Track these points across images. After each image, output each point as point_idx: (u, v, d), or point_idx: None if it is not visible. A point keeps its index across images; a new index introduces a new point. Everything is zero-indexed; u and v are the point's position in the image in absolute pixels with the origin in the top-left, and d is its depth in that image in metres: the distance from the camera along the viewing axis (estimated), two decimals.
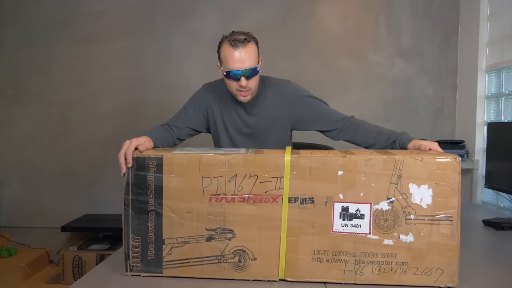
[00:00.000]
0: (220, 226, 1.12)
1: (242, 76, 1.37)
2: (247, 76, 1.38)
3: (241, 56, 1.36)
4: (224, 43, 1.40)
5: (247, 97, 1.45)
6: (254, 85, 1.44)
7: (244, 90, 1.42)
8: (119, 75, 3.19)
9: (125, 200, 1.14)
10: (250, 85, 1.41)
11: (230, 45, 1.37)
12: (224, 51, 1.39)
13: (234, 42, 1.36)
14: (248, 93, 1.44)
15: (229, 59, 1.37)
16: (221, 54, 1.41)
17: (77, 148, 3.21)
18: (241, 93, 1.43)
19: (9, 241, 3.15)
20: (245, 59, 1.37)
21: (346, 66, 3.14)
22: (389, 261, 1.08)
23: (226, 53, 1.38)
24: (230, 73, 1.38)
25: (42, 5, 3.19)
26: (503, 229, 1.71)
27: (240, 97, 1.44)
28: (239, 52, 1.36)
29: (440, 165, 1.06)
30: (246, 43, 1.38)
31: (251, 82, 1.41)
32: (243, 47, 1.37)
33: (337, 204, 1.09)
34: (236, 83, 1.40)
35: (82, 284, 1.12)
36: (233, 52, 1.36)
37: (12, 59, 3.23)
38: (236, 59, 1.36)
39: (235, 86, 1.41)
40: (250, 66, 1.38)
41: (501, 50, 2.66)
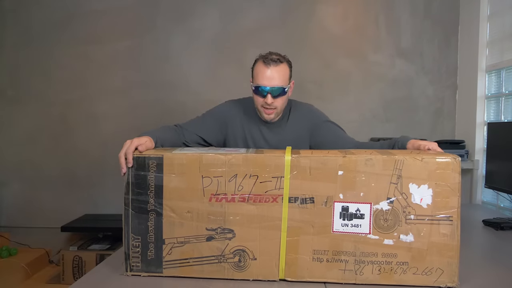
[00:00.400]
0: (220, 226, 1.12)
1: (269, 93, 1.42)
2: (274, 95, 1.43)
3: (271, 74, 1.42)
4: (258, 60, 1.47)
5: (271, 116, 1.48)
6: (280, 104, 1.47)
7: (269, 108, 1.45)
8: (119, 75, 3.19)
9: (125, 200, 1.14)
10: (276, 104, 1.45)
11: (263, 62, 1.44)
12: (257, 67, 1.46)
13: (266, 60, 1.43)
14: (273, 112, 1.47)
15: (259, 75, 1.43)
16: (254, 70, 1.48)
17: (77, 148, 3.21)
18: (266, 110, 1.47)
19: (9, 241, 3.15)
20: (275, 78, 1.42)
21: (346, 66, 3.14)
22: (389, 261, 1.08)
23: (258, 69, 1.45)
24: (258, 88, 1.43)
25: (42, 5, 3.19)
26: (503, 229, 1.71)
27: (264, 114, 1.48)
28: (270, 70, 1.42)
29: (440, 165, 1.06)
30: (278, 63, 1.43)
31: (277, 101, 1.45)
32: (274, 66, 1.42)
33: (337, 204, 1.09)
34: (262, 99, 1.44)
35: (82, 284, 1.12)
36: (264, 69, 1.43)
37: (12, 59, 3.23)
38: (266, 76, 1.42)
39: (261, 102, 1.46)
40: (278, 85, 1.42)
41: (501, 50, 2.66)
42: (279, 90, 1.43)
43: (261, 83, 1.42)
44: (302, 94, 3.08)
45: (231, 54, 3.13)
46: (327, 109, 3.31)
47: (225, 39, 3.12)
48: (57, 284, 2.75)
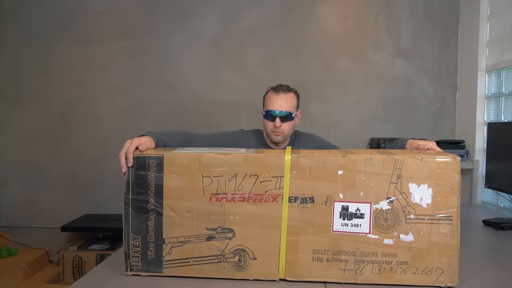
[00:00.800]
0: (220, 225, 1.12)
1: (277, 117, 1.58)
2: (282, 118, 1.58)
3: (280, 100, 1.60)
4: (270, 90, 1.66)
5: (278, 137, 1.63)
6: (287, 129, 1.62)
7: (277, 130, 1.60)
8: (119, 75, 3.19)
9: (125, 200, 1.14)
10: (284, 128, 1.60)
11: (273, 90, 1.63)
12: (268, 96, 1.65)
13: (277, 89, 1.63)
14: (281, 134, 1.62)
15: (269, 101, 1.61)
16: (265, 99, 1.67)
17: (77, 148, 3.21)
18: (275, 132, 1.62)
19: (9, 241, 3.15)
20: (283, 104, 1.59)
21: (346, 66, 3.14)
22: (389, 260, 1.08)
23: (269, 96, 1.64)
24: (269, 113, 1.60)
25: (42, 5, 3.19)
26: (503, 229, 1.71)
27: (273, 135, 1.63)
28: (279, 97, 1.60)
29: (440, 165, 1.06)
30: (287, 92, 1.62)
31: (285, 125, 1.61)
32: (283, 93, 1.61)
33: (337, 203, 1.09)
34: (272, 123, 1.60)
35: (82, 284, 1.12)
36: (274, 96, 1.61)
37: (12, 59, 3.23)
38: (275, 102, 1.60)
39: (270, 126, 1.61)
40: (286, 110, 1.59)
41: (501, 50, 2.66)
42: (287, 115, 1.59)
43: (271, 108, 1.59)
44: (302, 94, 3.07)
45: (231, 54, 3.13)
46: (327, 109, 3.33)
47: (225, 39, 3.12)
48: (57, 284, 2.75)
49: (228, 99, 3.11)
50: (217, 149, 1.20)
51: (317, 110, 3.13)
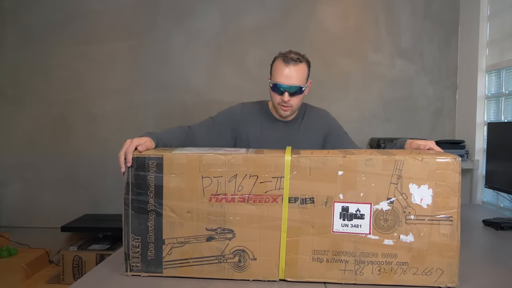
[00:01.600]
0: (220, 226, 1.12)
1: (286, 91, 1.45)
2: (291, 93, 1.46)
3: (289, 72, 1.44)
4: (278, 58, 1.49)
5: (286, 112, 1.52)
6: (296, 103, 1.51)
7: (285, 105, 1.49)
8: (119, 75, 3.19)
9: (125, 200, 1.14)
10: (292, 102, 1.49)
11: (282, 60, 1.46)
12: (276, 65, 1.49)
13: (286, 59, 1.45)
14: (289, 109, 1.51)
15: (278, 73, 1.46)
16: (272, 68, 1.51)
17: (77, 148, 3.21)
18: (282, 107, 1.50)
19: (9, 241, 3.15)
20: (293, 76, 1.45)
21: (346, 66, 3.14)
22: (389, 261, 1.08)
23: (277, 67, 1.47)
24: (276, 86, 1.46)
25: (42, 5, 3.19)
26: (503, 229, 1.71)
27: (281, 110, 1.52)
28: (288, 69, 1.44)
29: (440, 165, 1.06)
30: (297, 62, 1.46)
31: (294, 100, 1.48)
32: (293, 65, 1.45)
33: (337, 204, 1.09)
34: (280, 97, 1.48)
35: (82, 284, 1.12)
36: (283, 67, 1.45)
37: (12, 59, 3.23)
38: (284, 74, 1.45)
39: (278, 100, 1.49)
40: (295, 84, 1.45)
41: (501, 50, 2.66)
42: (296, 89, 1.46)
43: (279, 81, 1.45)
44: None
45: (231, 54, 3.13)
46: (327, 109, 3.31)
47: (225, 39, 3.12)
48: (57, 284, 2.75)
49: (228, 99, 3.09)
50: (217, 149, 1.20)
51: None
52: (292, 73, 1.45)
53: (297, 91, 1.46)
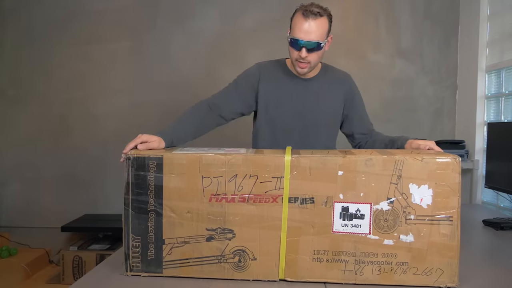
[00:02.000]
0: (220, 226, 1.12)
1: (303, 47, 1.38)
2: (309, 49, 1.39)
3: (309, 27, 1.37)
4: (298, 11, 1.41)
5: (304, 69, 1.46)
6: (315, 59, 1.44)
7: (303, 61, 1.43)
8: (119, 75, 3.19)
9: (125, 200, 1.13)
10: (310, 58, 1.42)
11: (302, 14, 1.38)
12: (295, 19, 1.40)
13: (306, 13, 1.37)
14: (307, 66, 1.45)
15: (296, 28, 1.39)
16: (292, 21, 1.42)
17: (77, 148, 3.21)
18: (300, 63, 1.44)
19: (9, 241, 3.16)
20: (312, 31, 1.37)
21: (346, 66, 3.12)
22: (389, 261, 1.08)
23: (296, 21, 1.39)
24: (294, 41, 1.39)
25: (43, 4, 3.19)
26: (503, 229, 1.71)
27: (298, 67, 1.46)
28: (308, 23, 1.36)
29: (440, 165, 1.06)
30: (318, 16, 1.37)
31: (312, 56, 1.42)
32: (313, 19, 1.37)
33: (337, 204, 1.09)
34: (297, 52, 1.41)
35: (82, 284, 1.12)
36: (302, 21, 1.37)
37: (12, 59, 3.23)
38: (303, 29, 1.37)
39: (295, 56, 1.43)
40: (314, 39, 1.38)
41: (501, 50, 2.66)
42: (315, 45, 1.39)
43: (297, 36, 1.38)
44: None
45: (231, 54, 3.13)
46: None
47: (225, 39, 3.12)
48: (57, 284, 2.75)
49: None
50: (217, 149, 1.20)
51: None
52: (311, 27, 1.36)
53: (315, 47, 1.39)
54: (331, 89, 1.58)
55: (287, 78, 1.55)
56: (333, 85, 1.59)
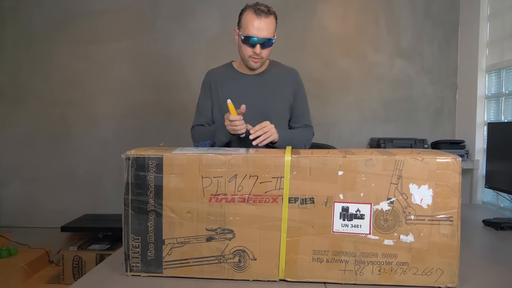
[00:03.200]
0: (220, 226, 1.12)
1: (258, 44, 1.49)
2: (262, 44, 1.49)
3: (261, 25, 1.47)
4: (248, 10, 1.50)
5: (257, 64, 1.56)
6: (266, 55, 1.55)
7: (257, 57, 1.53)
8: (119, 75, 3.19)
9: (125, 200, 1.13)
10: (263, 54, 1.53)
11: (254, 12, 1.48)
12: (247, 17, 1.50)
13: (258, 11, 1.47)
14: (259, 61, 1.55)
15: (249, 25, 1.48)
16: (243, 20, 1.52)
17: (77, 148, 3.21)
18: (253, 59, 1.54)
19: (9, 241, 3.16)
20: (264, 29, 1.48)
21: (346, 66, 3.14)
22: (389, 261, 1.08)
23: (248, 19, 1.49)
24: (248, 38, 1.49)
25: (42, 5, 3.19)
26: (503, 229, 1.71)
27: (252, 62, 1.56)
28: (260, 21, 1.47)
29: (440, 165, 1.06)
30: (268, 15, 1.49)
31: (264, 52, 1.53)
32: (265, 17, 1.48)
33: (337, 204, 1.09)
34: (251, 49, 1.51)
35: (82, 284, 1.12)
36: (255, 19, 1.47)
37: (12, 59, 3.23)
38: (256, 26, 1.47)
39: (249, 52, 1.53)
40: (267, 36, 1.49)
41: (501, 50, 2.66)
42: (267, 41, 1.50)
43: (251, 33, 1.48)
44: None
45: (231, 55, 3.12)
46: (327, 109, 3.33)
47: (225, 39, 3.12)
48: (57, 284, 2.75)
49: None
50: (217, 149, 1.20)
51: (317, 110, 3.13)
52: (264, 24, 1.47)
53: (267, 44, 1.50)
54: (281, 82, 1.67)
55: (237, 78, 1.65)
56: (283, 77, 1.69)
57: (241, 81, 1.64)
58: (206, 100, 1.69)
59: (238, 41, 1.57)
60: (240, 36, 1.53)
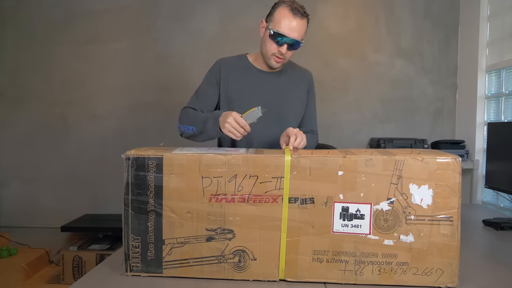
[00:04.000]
0: (220, 226, 1.12)
1: (286, 44, 1.40)
2: (289, 45, 1.41)
3: (295, 25, 1.39)
4: (284, 5, 1.41)
5: (279, 64, 1.48)
6: (290, 56, 1.48)
7: (281, 56, 1.45)
8: (119, 75, 3.19)
9: (125, 200, 1.13)
10: (287, 55, 1.46)
11: (290, 10, 1.39)
12: (281, 13, 1.40)
13: (294, 10, 1.38)
14: (282, 61, 1.47)
15: (283, 22, 1.39)
16: (276, 14, 1.41)
17: (77, 148, 3.21)
18: (277, 58, 1.46)
19: (9, 241, 3.15)
20: (298, 30, 1.40)
21: (346, 66, 3.14)
22: (389, 261, 1.08)
23: (283, 15, 1.39)
24: (278, 35, 1.39)
25: (42, 5, 3.19)
26: (503, 229, 1.71)
27: (273, 61, 1.47)
28: (295, 21, 1.39)
29: (440, 166, 1.06)
30: (303, 16, 1.41)
31: (289, 53, 1.45)
32: (300, 18, 1.39)
33: (337, 204, 1.09)
34: (277, 47, 1.42)
35: (82, 284, 1.12)
36: (291, 18, 1.38)
37: (12, 59, 3.23)
38: (290, 25, 1.38)
39: (274, 50, 1.44)
40: (298, 38, 1.41)
41: (501, 50, 2.66)
42: (296, 43, 1.42)
43: (283, 31, 1.39)
44: None
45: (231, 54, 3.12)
46: (327, 109, 3.33)
47: (225, 39, 3.12)
48: (57, 284, 2.75)
49: None
50: (217, 149, 1.20)
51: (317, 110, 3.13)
52: (298, 26, 1.39)
53: (296, 46, 1.43)
54: (297, 82, 1.62)
55: (251, 72, 1.56)
56: (299, 78, 1.63)
57: (257, 78, 1.56)
58: (210, 88, 1.57)
59: (264, 34, 1.47)
60: (269, 30, 1.42)
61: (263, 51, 1.50)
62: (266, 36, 1.45)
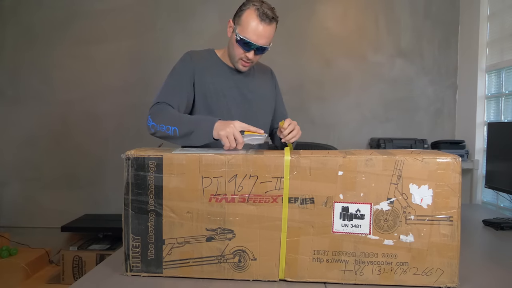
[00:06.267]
0: (220, 226, 1.12)
1: (253, 50, 1.40)
2: (257, 51, 1.41)
3: (263, 32, 1.37)
4: (251, 9, 1.38)
5: (245, 68, 1.49)
6: (257, 60, 1.49)
7: (248, 61, 1.45)
8: (119, 75, 3.19)
9: (125, 200, 1.13)
10: (254, 59, 1.46)
11: (258, 15, 1.36)
12: (249, 18, 1.37)
13: (262, 16, 1.36)
14: (249, 65, 1.48)
15: (249, 29, 1.37)
16: (243, 18, 1.39)
17: (77, 148, 3.21)
18: (243, 62, 1.46)
19: (9, 241, 3.16)
20: (264, 36, 1.38)
21: (346, 66, 3.14)
22: (389, 261, 1.08)
23: (250, 20, 1.37)
24: (245, 41, 1.38)
25: (42, 5, 3.19)
26: (503, 229, 1.71)
27: (240, 65, 1.47)
28: (263, 27, 1.37)
29: (440, 166, 1.06)
30: (271, 22, 1.39)
31: (256, 58, 1.46)
32: (268, 24, 1.37)
33: (337, 204, 1.09)
34: (244, 52, 1.42)
35: (82, 284, 1.12)
36: (258, 24, 1.36)
37: (12, 59, 3.23)
38: (257, 31, 1.37)
39: (241, 55, 1.43)
40: (264, 44, 1.40)
41: (501, 50, 2.66)
42: (263, 50, 1.42)
43: (250, 38, 1.37)
44: (302, 94, 3.08)
45: None
46: (327, 109, 3.33)
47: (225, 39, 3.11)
48: (57, 284, 2.75)
49: None
50: (217, 149, 1.20)
51: (317, 110, 3.13)
52: (265, 32, 1.37)
53: (262, 51, 1.43)
54: (265, 80, 1.65)
55: (223, 69, 1.53)
56: (264, 75, 1.66)
57: (229, 73, 1.53)
58: (185, 80, 1.47)
59: (231, 36, 1.44)
60: (236, 35, 1.40)
61: (230, 53, 1.48)
62: (233, 39, 1.43)
